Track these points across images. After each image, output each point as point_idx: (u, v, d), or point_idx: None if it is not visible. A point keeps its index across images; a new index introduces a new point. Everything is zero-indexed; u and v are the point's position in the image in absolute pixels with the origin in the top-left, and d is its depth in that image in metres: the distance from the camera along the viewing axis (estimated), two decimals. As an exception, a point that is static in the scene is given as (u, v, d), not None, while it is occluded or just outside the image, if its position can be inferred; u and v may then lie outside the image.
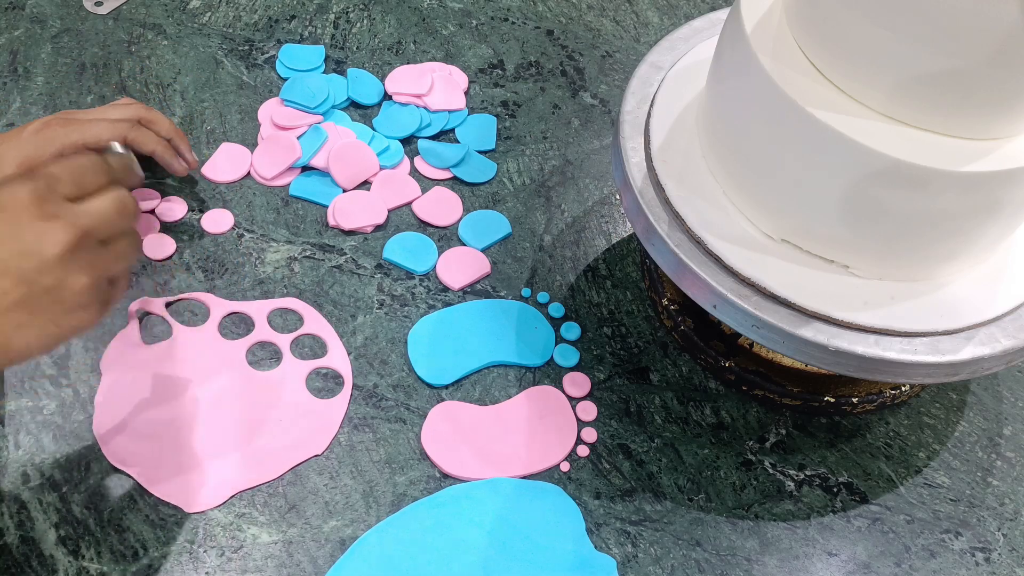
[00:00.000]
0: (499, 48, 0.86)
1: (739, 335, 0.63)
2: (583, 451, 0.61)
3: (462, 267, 0.69)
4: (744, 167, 0.54)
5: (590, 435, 0.62)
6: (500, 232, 0.72)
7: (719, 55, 0.56)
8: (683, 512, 0.59)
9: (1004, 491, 0.62)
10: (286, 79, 0.80)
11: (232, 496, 0.57)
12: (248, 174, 0.74)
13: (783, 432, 0.63)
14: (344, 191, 0.73)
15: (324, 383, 0.63)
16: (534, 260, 0.71)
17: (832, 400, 0.62)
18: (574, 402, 0.63)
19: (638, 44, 0.88)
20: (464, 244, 0.71)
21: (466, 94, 0.81)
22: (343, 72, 0.82)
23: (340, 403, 0.62)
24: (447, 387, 0.63)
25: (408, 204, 0.73)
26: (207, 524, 0.56)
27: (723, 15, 0.63)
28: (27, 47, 0.81)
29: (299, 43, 0.84)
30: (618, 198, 0.75)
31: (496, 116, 0.80)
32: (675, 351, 0.67)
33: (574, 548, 0.57)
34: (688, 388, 0.65)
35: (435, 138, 0.78)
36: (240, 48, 0.83)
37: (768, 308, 0.52)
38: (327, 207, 0.72)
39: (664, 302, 0.66)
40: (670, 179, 0.56)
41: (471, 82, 0.83)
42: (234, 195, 0.72)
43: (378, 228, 0.71)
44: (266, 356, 0.64)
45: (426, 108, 0.79)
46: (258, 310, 0.66)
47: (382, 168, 0.75)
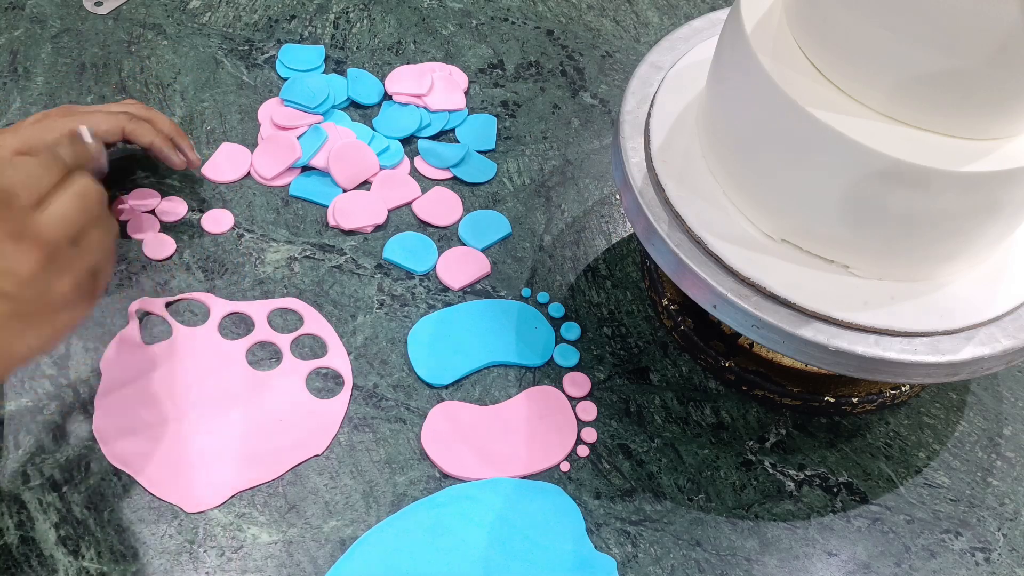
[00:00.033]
0: (499, 48, 0.86)
1: (739, 335, 0.63)
2: (583, 451, 0.61)
3: (462, 267, 0.69)
4: (744, 167, 0.54)
5: (590, 435, 0.62)
6: (500, 232, 0.72)
7: (719, 55, 0.56)
8: (683, 512, 0.59)
9: (1004, 491, 0.62)
10: (286, 79, 0.80)
11: (232, 496, 0.57)
12: (248, 174, 0.74)
13: (783, 432, 0.63)
14: (344, 191, 0.73)
15: (324, 383, 0.63)
16: (534, 260, 0.71)
17: (832, 400, 0.62)
18: (574, 402, 0.63)
19: (638, 44, 0.88)
20: (464, 244, 0.71)
21: (466, 94, 0.81)
22: (343, 72, 0.82)
23: (340, 403, 0.62)
24: (447, 387, 0.63)
25: (408, 204, 0.73)
26: (207, 524, 0.56)
27: (723, 15, 0.63)
28: (27, 47, 0.81)
29: (299, 43, 0.84)
30: (618, 198, 0.75)
31: (496, 116, 0.80)
32: (675, 351, 0.67)
33: (574, 548, 0.57)
34: (688, 388, 0.65)
35: (435, 138, 0.78)
36: (240, 48, 0.83)
37: (768, 308, 0.52)
38: (327, 207, 0.72)
39: (664, 302, 0.66)
40: (670, 179, 0.56)
41: (471, 82, 0.83)
42: (234, 195, 0.72)
43: (378, 228, 0.71)
44: (266, 356, 0.64)
45: (426, 108, 0.79)
46: (258, 310, 0.66)
47: (382, 168, 0.75)
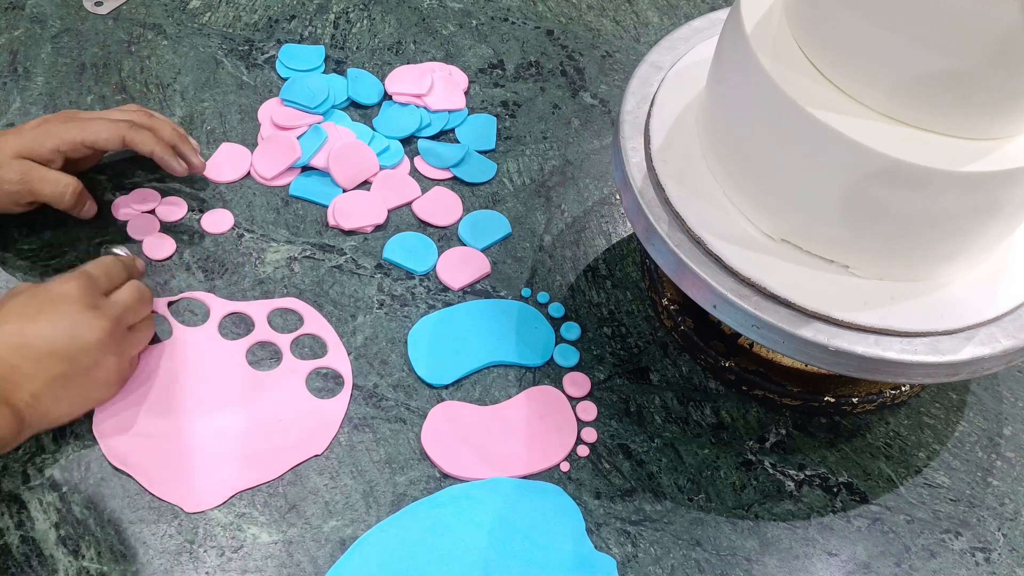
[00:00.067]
0: (499, 48, 0.86)
1: (739, 335, 0.63)
2: (583, 451, 0.61)
3: (462, 267, 0.69)
4: (744, 167, 0.54)
5: (590, 435, 0.62)
6: (500, 232, 0.72)
7: (719, 55, 0.56)
8: (683, 512, 0.59)
9: (1004, 491, 0.62)
10: (286, 79, 0.80)
11: (232, 496, 0.57)
12: (248, 174, 0.74)
13: (783, 432, 0.63)
14: (344, 191, 0.73)
15: (324, 383, 0.63)
16: (534, 260, 0.71)
17: (832, 400, 0.62)
18: (574, 402, 0.63)
19: (638, 44, 0.88)
20: (464, 244, 0.71)
21: (466, 94, 0.81)
22: (343, 72, 0.82)
23: (340, 403, 0.62)
24: (447, 387, 0.63)
25: (408, 204, 0.73)
26: (207, 524, 0.56)
27: (723, 15, 0.63)
28: (27, 47, 0.81)
29: (299, 43, 0.84)
30: (618, 198, 0.75)
31: (496, 116, 0.80)
32: (675, 351, 0.67)
33: (574, 548, 0.57)
34: (688, 388, 0.65)
35: (435, 138, 0.78)
36: (240, 48, 0.83)
37: (768, 308, 0.52)
38: (327, 207, 0.72)
39: (664, 302, 0.66)
40: (670, 179, 0.56)
41: (471, 82, 0.83)
42: (234, 195, 0.72)
43: (378, 228, 0.71)
44: (266, 356, 0.64)
45: (426, 108, 0.79)
46: (258, 310, 0.66)
47: (382, 168, 0.75)
